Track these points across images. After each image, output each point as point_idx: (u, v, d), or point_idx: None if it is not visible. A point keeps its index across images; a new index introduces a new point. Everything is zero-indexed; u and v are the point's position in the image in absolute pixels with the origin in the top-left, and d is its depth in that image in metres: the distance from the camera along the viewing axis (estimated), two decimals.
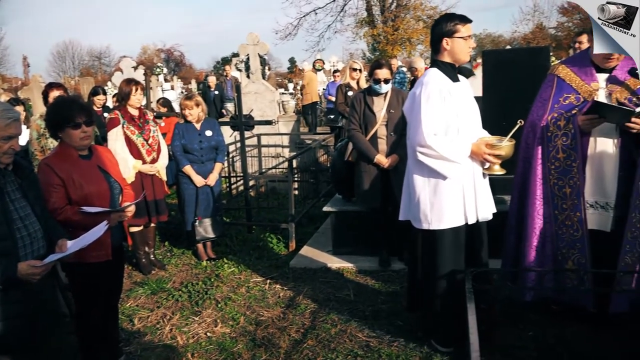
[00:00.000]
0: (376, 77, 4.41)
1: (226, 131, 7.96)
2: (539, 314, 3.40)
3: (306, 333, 3.49)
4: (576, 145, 3.07)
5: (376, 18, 25.63)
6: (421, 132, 2.89)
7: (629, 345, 3.04)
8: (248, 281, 4.48)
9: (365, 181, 4.48)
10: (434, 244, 3.03)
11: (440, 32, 2.98)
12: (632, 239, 3.05)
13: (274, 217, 6.39)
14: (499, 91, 4.77)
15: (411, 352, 3.17)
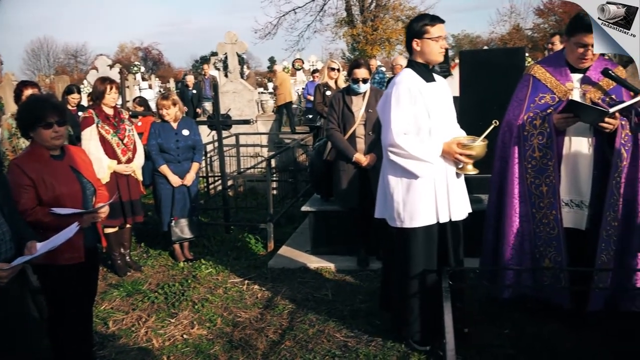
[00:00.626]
0: (355, 77, 4.41)
1: (205, 131, 7.90)
2: (516, 312, 3.43)
3: (284, 334, 3.47)
4: (552, 144, 3.10)
5: (355, 18, 25.71)
6: (391, 132, 2.91)
7: (605, 343, 3.08)
8: (226, 282, 4.44)
9: (343, 180, 4.47)
10: (407, 242, 3.04)
11: (411, 33, 3.01)
12: (607, 237, 3.10)
13: (253, 217, 6.35)
14: (476, 91, 4.80)
15: (389, 351, 3.17)
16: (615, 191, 3.05)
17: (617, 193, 3.05)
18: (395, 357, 3.11)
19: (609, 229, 3.08)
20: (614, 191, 3.05)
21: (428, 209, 3.00)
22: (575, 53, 3.10)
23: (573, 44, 3.08)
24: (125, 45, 52.26)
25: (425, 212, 2.99)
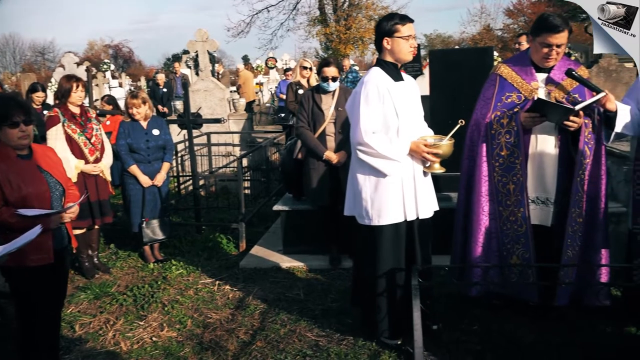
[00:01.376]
0: (324, 75, 4.41)
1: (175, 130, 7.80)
2: (484, 308, 3.48)
3: (255, 334, 3.45)
4: (519, 142, 3.16)
5: (329, 17, 25.77)
6: (359, 131, 2.93)
7: (569, 337, 3.15)
8: (196, 283, 4.39)
9: (314, 179, 4.47)
10: (375, 240, 3.06)
11: (381, 31, 3.02)
12: (572, 233, 3.17)
13: (224, 216, 6.29)
14: (446, 90, 4.86)
15: (360, 349, 3.18)
16: (580, 188, 3.12)
17: (581, 190, 3.12)
18: (366, 355, 3.13)
19: (575, 225, 3.15)
20: (578, 188, 3.12)
21: (396, 206, 3.02)
22: (540, 53, 3.15)
23: (538, 43, 3.14)
24: (95, 42, 51.28)
25: (393, 210, 3.02)
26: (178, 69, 14.06)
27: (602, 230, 3.22)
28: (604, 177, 3.20)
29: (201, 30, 8.03)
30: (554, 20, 3.04)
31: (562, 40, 3.05)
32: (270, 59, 20.54)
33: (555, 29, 3.02)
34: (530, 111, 3.10)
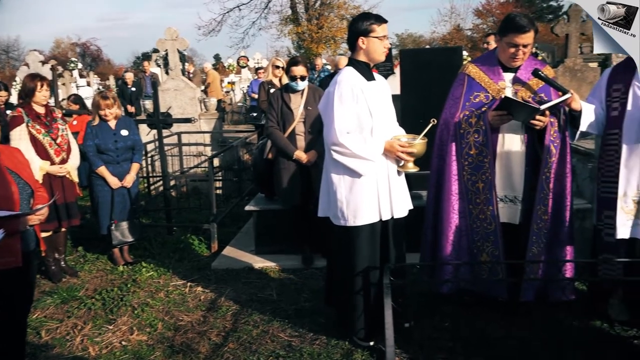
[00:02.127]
0: (292, 74, 4.40)
1: (145, 130, 7.68)
2: (454, 305, 3.52)
3: (227, 336, 3.41)
4: (487, 141, 3.20)
5: (300, 16, 25.72)
6: (334, 131, 2.91)
7: (536, 331, 3.22)
8: (167, 285, 4.33)
9: (285, 179, 4.46)
10: (350, 240, 3.06)
11: (357, 30, 3.00)
12: (537, 230, 3.23)
13: (196, 217, 6.23)
14: (416, 89, 4.90)
15: (333, 349, 3.18)
16: (545, 186, 3.19)
17: (546, 188, 3.19)
18: (339, 354, 3.13)
19: (540, 223, 3.21)
20: (543, 186, 3.18)
21: (371, 207, 3.02)
22: (507, 52, 3.20)
23: (505, 43, 3.19)
24: (62, 40, 50.07)
25: (368, 210, 3.02)
26: (147, 67, 13.81)
27: (568, 227, 3.29)
28: (569, 175, 3.27)
29: (171, 29, 7.91)
30: (520, 21, 3.09)
31: (528, 40, 3.11)
32: (242, 57, 20.39)
33: (521, 29, 3.08)
34: (498, 110, 3.14)
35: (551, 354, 2.96)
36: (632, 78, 3.10)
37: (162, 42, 7.87)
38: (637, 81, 3.08)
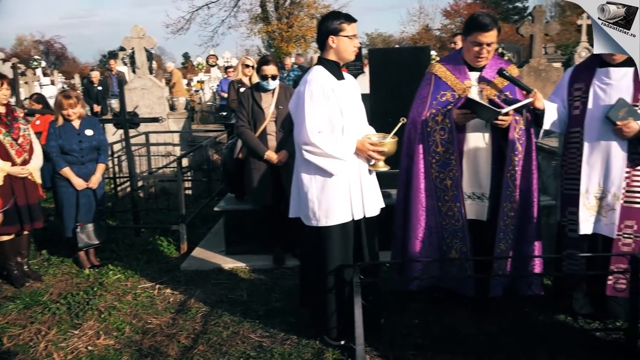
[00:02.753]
0: (263, 74, 4.37)
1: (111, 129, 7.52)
2: (425, 302, 3.56)
3: (197, 338, 3.37)
4: (453, 139, 3.24)
5: (270, 14, 25.61)
6: (305, 131, 2.89)
7: (502, 325, 3.28)
8: (135, 288, 4.25)
9: (255, 178, 4.42)
10: (323, 241, 3.05)
11: (327, 29, 2.99)
12: (504, 227, 3.29)
13: (165, 218, 6.13)
14: (385, 88, 4.93)
15: (304, 348, 3.17)
16: (510, 183, 3.24)
17: (512, 185, 3.25)
18: (310, 354, 3.12)
19: (506, 219, 3.27)
20: (509, 183, 3.24)
21: (343, 206, 3.02)
22: (472, 52, 3.25)
23: (470, 42, 3.23)
24: (25, 37, 48.63)
25: (340, 209, 3.02)
26: (114, 66, 13.53)
27: (535, 223, 3.36)
28: (535, 172, 3.34)
29: (137, 27, 7.75)
30: (484, 20, 3.15)
31: (491, 39, 3.16)
32: (212, 56, 20.16)
33: (484, 27, 3.13)
34: (462, 109, 3.19)
35: (518, 348, 3.02)
36: (592, 77, 3.19)
37: (129, 40, 7.71)
38: (597, 80, 3.17)
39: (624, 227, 3.12)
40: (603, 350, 3.04)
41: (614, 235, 3.14)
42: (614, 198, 3.11)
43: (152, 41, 7.88)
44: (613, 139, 3.08)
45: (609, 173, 3.11)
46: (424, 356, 3.02)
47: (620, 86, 3.09)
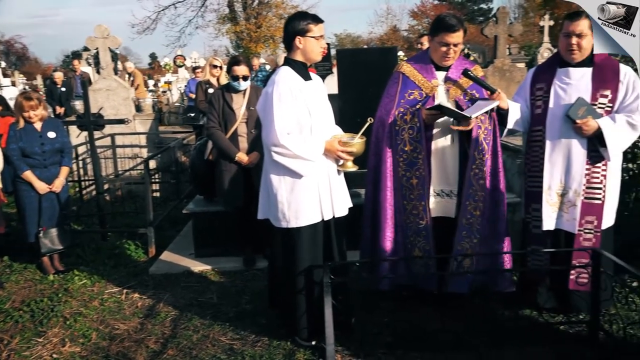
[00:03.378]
0: (234, 74, 4.34)
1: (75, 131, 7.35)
2: (393, 301, 3.59)
3: (166, 343, 3.32)
4: (421, 138, 3.28)
5: (238, 15, 25.44)
6: (274, 132, 2.88)
7: (470, 322, 3.33)
8: (102, 293, 4.16)
9: (226, 180, 4.39)
10: (292, 242, 3.04)
11: (294, 30, 2.98)
12: (467, 225, 3.34)
13: (132, 222, 6.02)
14: (353, 89, 4.96)
15: (275, 350, 3.16)
16: (474, 182, 3.30)
17: (476, 184, 3.31)
18: (281, 355, 3.11)
19: (470, 217, 3.33)
20: (472, 182, 3.30)
21: (312, 207, 3.02)
22: (439, 52, 3.30)
23: (437, 43, 3.28)
24: None
25: (310, 210, 3.01)
26: (78, 66, 13.21)
27: (503, 220, 3.43)
28: (501, 170, 3.41)
29: (101, 26, 7.60)
30: (450, 21, 3.20)
31: (458, 40, 3.22)
32: (179, 57, 19.90)
33: (451, 28, 3.18)
34: (431, 109, 3.23)
35: (485, 344, 3.08)
36: (553, 77, 3.28)
37: (92, 40, 7.56)
38: (557, 80, 3.26)
39: (585, 223, 3.22)
40: (567, 342, 3.13)
41: (575, 230, 3.23)
42: (575, 194, 3.20)
43: (116, 41, 7.74)
44: (573, 137, 3.18)
45: (570, 170, 3.21)
46: (394, 355, 3.04)
47: (579, 86, 3.19)
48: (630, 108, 3.15)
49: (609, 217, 3.27)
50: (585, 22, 3.11)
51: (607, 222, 3.26)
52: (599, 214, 3.21)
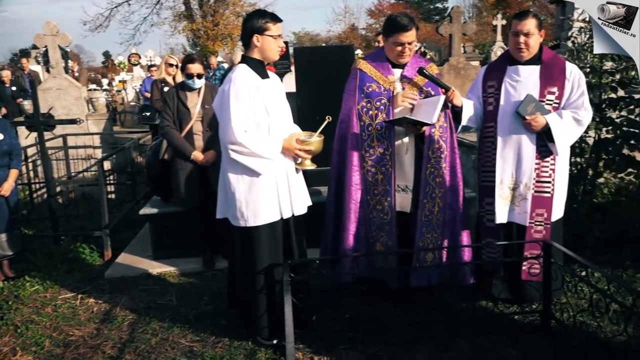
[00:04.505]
0: (189, 72, 4.28)
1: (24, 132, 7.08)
2: (354, 296, 3.62)
3: (123, 348, 3.25)
4: (390, 135, 3.32)
5: (195, 12, 25.08)
6: (231, 130, 2.85)
7: (427, 314, 3.40)
8: (55, 299, 4.03)
9: (182, 180, 4.32)
10: (251, 241, 3.03)
11: (251, 28, 2.96)
12: (426, 221, 3.41)
13: (87, 225, 5.85)
14: (311, 87, 4.96)
15: (235, 350, 3.14)
16: (430, 180, 3.37)
17: (431, 182, 3.38)
18: (242, 356, 3.10)
19: (429, 215, 3.40)
20: (428, 180, 3.37)
21: (271, 206, 3.01)
22: (394, 51, 3.35)
23: (391, 43, 3.33)
24: None
25: (268, 209, 3.00)
26: (26, 65, 12.73)
27: (463, 214, 3.51)
28: (459, 167, 3.49)
29: (50, 23, 7.34)
30: (402, 20, 3.25)
31: (411, 38, 3.28)
32: (134, 55, 19.46)
33: (404, 28, 3.24)
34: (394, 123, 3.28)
35: (444, 335, 3.15)
36: (503, 75, 3.38)
37: (41, 37, 7.30)
38: (507, 78, 3.36)
39: (536, 215, 3.34)
40: (521, 331, 3.23)
41: (527, 223, 3.34)
42: (526, 188, 3.31)
43: (66, 39, 7.50)
44: (523, 133, 3.29)
45: (520, 165, 3.31)
46: (355, 349, 3.07)
47: (528, 83, 3.30)
48: (576, 104, 3.28)
49: (558, 210, 3.40)
50: (532, 21, 3.22)
51: (556, 214, 3.39)
52: (548, 206, 3.32)
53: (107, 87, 18.64)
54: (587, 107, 3.29)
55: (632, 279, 3.89)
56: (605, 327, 3.16)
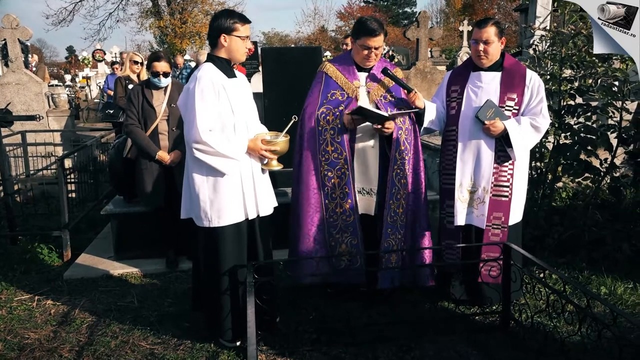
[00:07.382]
0: (154, 70, 4.21)
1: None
2: (319, 297, 3.63)
3: (82, 351, 3.17)
4: (342, 140, 3.34)
5: (162, 9, 24.71)
6: (196, 129, 2.82)
7: (391, 315, 3.44)
8: (11, 300, 3.90)
9: (147, 179, 4.25)
10: (215, 241, 3.00)
11: (219, 27, 2.94)
12: (392, 222, 3.45)
13: (46, 224, 5.68)
14: (279, 87, 4.96)
15: (198, 352, 3.10)
16: (396, 181, 3.41)
17: (398, 183, 3.42)
18: (204, 358, 3.06)
19: (394, 216, 3.44)
20: (394, 182, 3.41)
21: (236, 206, 2.99)
22: (361, 54, 3.38)
23: (359, 46, 3.36)
24: None
25: (233, 209, 2.98)
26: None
27: (424, 216, 3.56)
28: (422, 169, 3.54)
29: (10, 16, 7.11)
30: (371, 25, 3.28)
31: (379, 43, 3.32)
32: (98, 51, 19.04)
33: (372, 32, 3.27)
34: (353, 114, 3.30)
35: (407, 336, 3.18)
36: (466, 80, 3.45)
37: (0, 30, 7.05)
38: (470, 83, 3.44)
39: (493, 219, 3.42)
40: (481, 332, 3.30)
41: (484, 226, 3.42)
42: (484, 191, 3.39)
43: (27, 32, 7.28)
44: (482, 138, 3.37)
45: (479, 168, 3.39)
46: (319, 351, 3.08)
47: (489, 89, 3.38)
48: (535, 111, 3.37)
49: (516, 214, 3.48)
50: (492, 29, 3.30)
51: (514, 218, 3.46)
52: (505, 210, 3.40)
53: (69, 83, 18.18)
54: (545, 114, 3.39)
55: (587, 280, 4.02)
56: (561, 327, 3.26)
